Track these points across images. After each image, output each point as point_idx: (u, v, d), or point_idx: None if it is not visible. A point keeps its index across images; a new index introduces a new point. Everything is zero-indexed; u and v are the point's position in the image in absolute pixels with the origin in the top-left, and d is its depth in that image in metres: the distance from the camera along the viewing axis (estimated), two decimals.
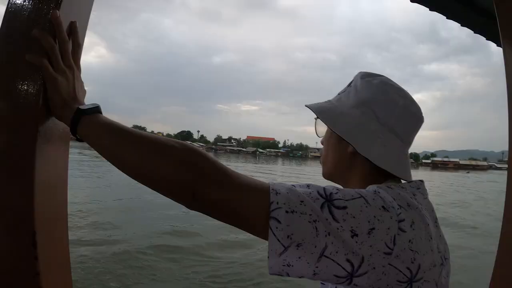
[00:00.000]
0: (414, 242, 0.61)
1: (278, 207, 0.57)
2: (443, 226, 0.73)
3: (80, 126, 0.66)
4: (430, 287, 0.63)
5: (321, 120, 0.81)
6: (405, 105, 0.77)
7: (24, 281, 0.66)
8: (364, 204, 0.61)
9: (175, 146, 0.63)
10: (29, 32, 0.65)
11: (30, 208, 0.64)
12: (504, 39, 1.68)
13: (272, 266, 0.58)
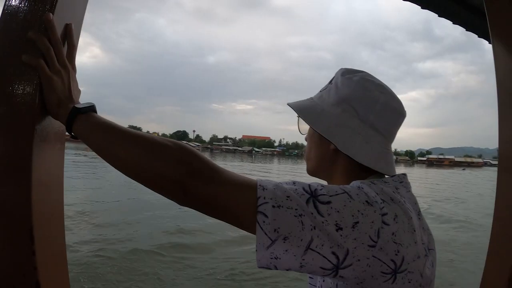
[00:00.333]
0: (397, 235, 0.63)
1: (265, 202, 0.59)
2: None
3: (75, 125, 0.68)
4: (414, 277, 0.65)
5: (302, 118, 0.83)
6: (386, 101, 0.78)
7: (22, 275, 0.67)
8: (348, 199, 0.62)
9: (168, 144, 0.65)
10: (25, 34, 0.67)
11: (28, 204, 0.66)
12: (493, 36, 1.70)
13: (260, 259, 0.60)
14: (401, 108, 0.81)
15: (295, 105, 0.85)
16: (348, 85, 0.80)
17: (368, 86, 0.79)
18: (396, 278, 0.62)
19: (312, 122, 0.80)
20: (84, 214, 10.62)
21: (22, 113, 0.67)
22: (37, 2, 0.69)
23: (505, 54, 1.64)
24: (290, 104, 0.86)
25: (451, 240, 10.25)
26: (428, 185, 31.89)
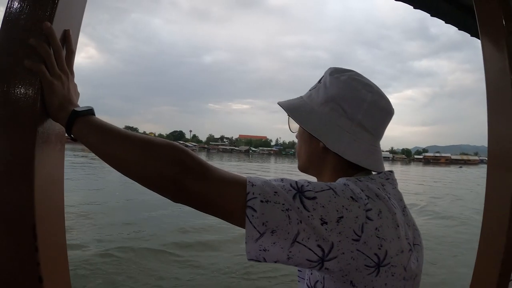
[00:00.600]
0: (381, 230, 0.66)
1: (254, 197, 0.62)
2: None
3: (74, 127, 0.71)
4: (398, 271, 0.68)
5: (291, 118, 0.86)
6: (373, 100, 0.80)
7: (26, 270, 0.70)
8: (333, 195, 0.66)
9: (162, 144, 0.67)
10: (26, 40, 0.70)
11: (31, 203, 0.69)
12: (482, 35, 1.74)
13: (250, 251, 0.63)
14: (389, 106, 0.84)
15: (284, 104, 0.88)
16: (336, 84, 0.82)
17: (355, 86, 0.81)
18: (380, 271, 0.65)
19: (301, 121, 0.83)
20: (89, 215, 10.87)
21: (25, 115, 0.70)
22: (37, 10, 0.72)
23: (493, 52, 1.68)
24: (280, 103, 0.89)
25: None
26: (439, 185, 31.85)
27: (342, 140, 0.79)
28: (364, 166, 0.79)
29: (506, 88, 1.60)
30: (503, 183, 1.60)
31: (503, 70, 1.62)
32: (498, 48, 1.66)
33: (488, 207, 1.68)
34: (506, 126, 1.59)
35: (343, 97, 0.81)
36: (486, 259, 1.69)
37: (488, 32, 1.73)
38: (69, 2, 0.78)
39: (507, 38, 1.62)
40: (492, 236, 1.65)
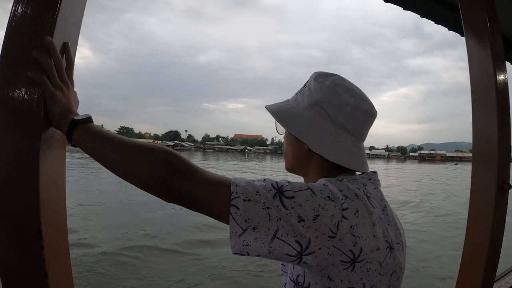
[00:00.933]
0: (356, 228, 0.71)
1: (237, 196, 0.67)
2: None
3: (74, 135, 0.76)
4: (373, 267, 0.72)
5: (278, 121, 0.91)
6: (355, 104, 0.84)
7: (32, 266, 0.76)
8: (310, 195, 0.70)
9: (154, 148, 0.73)
10: (29, 53, 0.75)
11: (36, 204, 0.74)
12: (467, 36, 1.78)
13: (234, 246, 0.69)
14: (371, 109, 0.87)
15: (271, 109, 0.92)
16: (320, 89, 0.86)
17: (338, 90, 0.85)
18: (355, 267, 0.70)
19: (287, 125, 0.88)
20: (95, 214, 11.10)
21: (29, 123, 0.75)
22: (37, 25, 0.76)
23: (478, 53, 1.73)
24: (267, 107, 0.94)
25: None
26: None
27: (325, 142, 0.83)
28: (347, 166, 0.84)
29: (490, 88, 1.64)
30: (487, 180, 1.65)
31: (487, 71, 1.66)
32: (482, 49, 1.70)
33: (473, 202, 1.74)
34: (490, 125, 1.64)
35: (327, 102, 0.85)
36: (471, 254, 1.74)
37: (472, 33, 1.76)
38: (68, 16, 0.83)
39: (491, 39, 1.66)
40: (477, 231, 1.71)
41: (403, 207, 15.57)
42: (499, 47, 1.70)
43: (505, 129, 1.65)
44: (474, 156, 1.74)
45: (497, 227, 1.65)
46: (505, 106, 1.66)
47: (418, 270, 7.57)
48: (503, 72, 1.69)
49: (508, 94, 1.71)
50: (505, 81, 1.69)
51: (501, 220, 1.68)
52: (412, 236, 10.04)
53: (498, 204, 1.62)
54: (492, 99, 1.63)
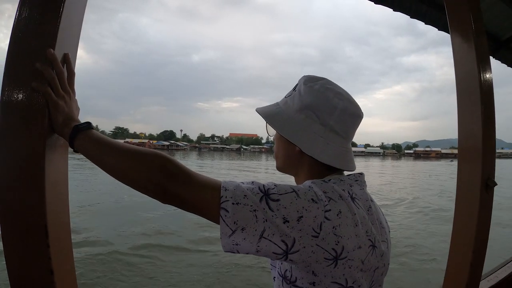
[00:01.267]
0: (338, 228, 0.76)
1: (226, 200, 0.73)
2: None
3: (76, 141, 0.82)
4: (355, 264, 0.77)
5: (270, 125, 0.95)
6: (344, 107, 0.89)
7: (39, 264, 0.81)
8: (295, 197, 0.75)
9: (150, 154, 0.78)
10: (32, 65, 0.80)
11: (43, 204, 0.80)
12: (452, 36, 1.83)
13: (225, 245, 0.74)
14: (358, 111, 0.92)
15: (263, 112, 0.96)
16: (310, 93, 0.91)
17: (328, 95, 0.89)
18: (337, 264, 0.75)
19: (279, 128, 0.92)
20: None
21: (35, 131, 0.80)
22: (39, 38, 0.82)
23: (463, 54, 1.77)
24: (258, 110, 0.98)
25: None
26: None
27: (316, 144, 0.88)
28: (337, 167, 0.89)
29: (474, 88, 1.68)
30: (472, 177, 1.70)
31: (472, 71, 1.70)
32: (467, 50, 1.74)
33: (459, 199, 1.79)
34: (474, 123, 1.68)
35: (317, 105, 0.89)
36: (458, 249, 1.80)
37: (457, 33, 1.81)
38: (67, 28, 0.88)
39: (475, 39, 1.70)
40: (463, 227, 1.76)
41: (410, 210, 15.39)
42: (484, 47, 1.74)
43: (489, 127, 1.69)
44: (460, 154, 1.78)
45: (482, 223, 1.70)
46: (489, 104, 1.70)
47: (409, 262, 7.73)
48: (487, 71, 1.73)
49: (493, 93, 1.75)
50: (490, 80, 1.74)
51: (487, 216, 1.73)
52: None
53: (483, 200, 1.67)
54: (477, 98, 1.67)
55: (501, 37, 3.25)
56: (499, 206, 14.22)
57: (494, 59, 3.50)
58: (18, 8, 0.81)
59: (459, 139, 1.78)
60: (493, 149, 1.73)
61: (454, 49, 1.83)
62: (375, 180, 29.84)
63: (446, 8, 1.85)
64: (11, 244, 0.80)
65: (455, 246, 1.83)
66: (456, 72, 1.81)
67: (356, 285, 0.79)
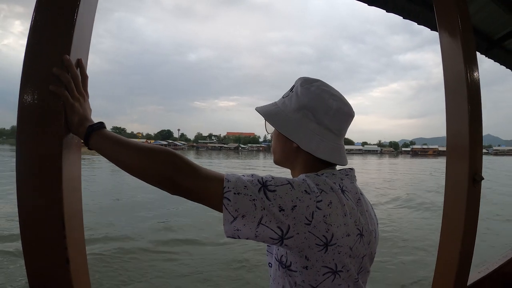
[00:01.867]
0: (328, 217, 0.83)
1: (228, 190, 0.80)
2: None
3: (91, 140, 0.89)
4: (343, 250, 0.85)
5: (270, 123, 1.03)
6: (338, 107, 0.97)
7: (56, 253, 0.89)
8: (289, 188, 0.83)
9: (160, 150, 0.86)
10: (49, 70, 0.88)
11: (60, 198, 0.87)
12: (441, 36, 1.89)
13: (227, 231, 0.82)
14: (350, 111, 1.01)
15: (262, 111, 1.04)
16: (306, 94, 0.98)
17: (323, 96, 0.98)
18: (328, 250, 0.83)
19: (278, 126, 1.00)
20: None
21: (52, 130, 0.88)
22: (57, 45, 0.89)
23: (451, 54, 1.83)
24: (258, 109, 1.06)
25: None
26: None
27: (313, 141, 0.96)
28: (331, 161, 0.97)
29: (462, 87, 1.75)
30: (460, 172, 1.77)
31: (459, 71, 1.76)
32: (455, 49, 1.79)
33: (448, 193, 1.86)
34: (462, 121, 1.75)
35: (313, 106, 0.97)
36: (448, 241, 1.87)
37: (445, 32, 1.86)
38: (80, 36, 0.95)
39: (462, 38, 1.75)
40: (452, 219, 1.83)
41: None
42: (471, 46, 1.79)
43: (476, 124, 1.75)
44: (448, 151, 1.85)
45: (471, 215, 1.78)
46: (476, 103, 1.76)
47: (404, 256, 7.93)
48: (474, 71, 1.78)
49: (480, 92, 1.81)
50: (477, 79, 1.80)
51: (475, 208, 1.80)
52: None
53: (471, 194, 1.75)
54: (464, 97, 1.73)
55: (493, 36, 3.32)
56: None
57: (487, 58, 3.59)
58: (33, 18, 0.89)
59: (447, 137, 1.85)
60: (480, 146, 1.79)
61: (442, 48, 1.88)
62: (378, 175, 29.86)
63: (434, 7, 1.90)
64: (29, 234, 0.88)
65: (445, 237, 1.89)
66: (444, 71, 1.87)
67: (345, 270, 0.87)
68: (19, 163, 0.87)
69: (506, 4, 2.70)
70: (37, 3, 0.89)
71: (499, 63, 3.75)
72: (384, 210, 13.78)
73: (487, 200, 15.29)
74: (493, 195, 17.17)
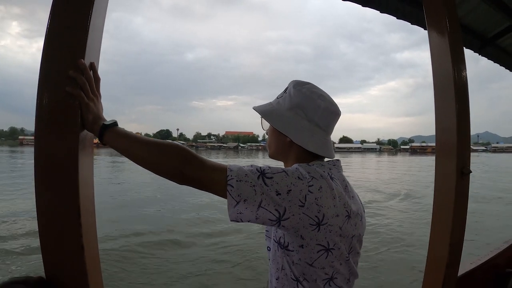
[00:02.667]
0: (319, 200, 0.93)
1: (231, 178, 0.90)
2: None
3: (105, 136, 0.98)
4: (334, 229, 0.95)
5: (267, 121, 1.14)
6: (326, 107, 1.09)
7: (72, 240, 0.97)
8: (285, 175, 0.93)
9: (170, 145, 0.95)
10: (66, 72, 0.96)
11: (77, 188, 0.96)
12: (430, 36, 1.95)
13: (231, 214, 0.92)
14: (337, 110, 1.13)
15: (259, 110, 1.15)
16: (298, 95, 1.10)
17: (313, 97, 1.09)
18: (320, 229, 0.93)
19: (273, 123, 1.11)
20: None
21: (70, 128, 0.97)
22: (72, 50, 0.98)
23: (439, 54, 1.90)
24: (255, 108, 1.17)
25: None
26: None
27: (304, 136, 1.07)
28: (320, 154, 1.08)
29: (450, 87, 1.82)
30: (448, 166, 1.85)
31: (447, 69, 1.83)
32: (443, 49, 1.86)
33: (438, 186, 1.94)
34: (450, 118, 1.82)
35: (304, 105, 1.09)
36: (438, 230, 1.94)
37: (433, 31, 1.92)
38: (93, 41, 1.04)
39: (450, 39, 1.82)
40: (442, 210, 1.91)
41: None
42: (459, 44, 1.86)
43: (463, 121, 1.83)
44: (437, 147, 1.93)
45: (460, 207, 1.85)
46: (463, 100, 1.84)
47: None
48: (462, 69, 1.85)
49: (467, 89, 1.88)
50: (464, 77, 1.86)
51: (463, 201, 1.88)
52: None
53: (459, 186, 1.82)
54: (451, 94, 1.80)
55: (486, 34, 3.38)
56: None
57: (481, 56, 3.65)
58: (49, 24, 0.97)
59: (436, 133, 1.92)
60: (467, 141, 1.86)
61: (431, 47, 1.95)
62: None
63: (424, 8, 1.97)
64: (45, 223, 0.97)
65: (435, 229, 1.97)
66: (433, 70, 1.94)
67: (336, 248, 0.97)
68: (38, 157, 0.96)
69: (497, 4, 2.76)
70: (52, 10, 0.98)
71: (493, 61, 3.82)
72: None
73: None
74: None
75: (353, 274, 1.07)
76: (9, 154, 66.29)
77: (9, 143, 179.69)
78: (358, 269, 1.09)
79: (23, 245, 8.01)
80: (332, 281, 0.99)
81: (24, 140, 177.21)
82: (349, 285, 1.06)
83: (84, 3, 0.99)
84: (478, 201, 15.06)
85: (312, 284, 0.98)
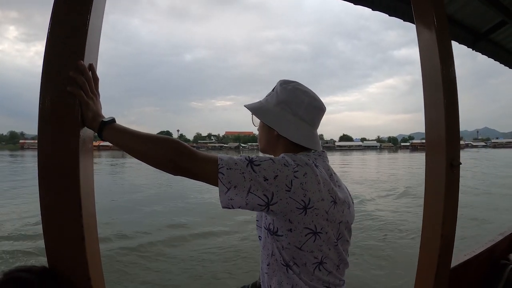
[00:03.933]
0: (304, 185, 0.99)
1: (222, 166, 0.96)
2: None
3: (104, 132, 1.05)
4: (320, 213, 1.01)
5: (256, 116, 1.21)
6: (309, 102, 1.17)
7: (74, 230, 1.03)
8: (271, 163, 1.00)
9: (164, 139, 1.01)
10: (67, 73, 1.02)
11: (78, 183, 1.03)
12: (418, 34, 1.99)
13: (222, 201, 0.98)
14: (321, 105, 1.20)
15: (250, 107, 1.23)
16: (284, 92, 1.18)
17: (297, 93, 1.17)
18: (307, 212, 0.99)
19: (262, 117, 1.20)
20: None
21: (71, 125, 1.03)
22: (72, 52, 1.04)
23: (427, 51, 1.93)
24: (247, 106, 1.24)
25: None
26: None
27: (290, 129, 1.15)
28: (305, 146, 1.15)
29: (438, 83, 1.86)
30: (438, 159, 1.89)
31: (435, 65, 1.87)
32: (431, 45, 1.89)
33: (428, 178, 1.98)
34: (438, 115, 1.87)
35: (289, 101, 1.17)
36: (430, 224, 1.98)
37: (422, 30, 1.97)
38: (91, 44, 1.10)
39: (438, 35, 1.85)
40: (433, 202, 1.95)
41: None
42: (447, 40, 1.89)
43: (452, 114, 1.87)
44: (427, 142, 1.97)
45: (450, 199, 1.90)
46: (452, 95, 1.87)
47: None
48: (450, 65, 1.89)
49: (456, 84, 1.91)
50: (452, 73, 1.90)
51: (454, 192, 1.92)
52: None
53: (449, 177, 1.86)
54: (440, 89, 1.86)
55: (479, 30, 3.41)
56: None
57: (475, 51, 3.69)
58: (50, 27, 1.03)
59: (426, 128, 1.96)
60: (457, 135, 1.91)
61: (420, 43, 1.99)
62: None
63: (412, 5, 2.01)
64: (48, 215, 1.02)
65: (427, 221, 2.01)
66: (422, 66, 1.98)
67: (323, 232, 1.03)
68: (41, 153, 1.02)
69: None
70: (52, 15, 1.03)
71: (487, 56, 3.85)
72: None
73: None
74: None
75: (343, 262, 1.12)
76: (10, 158, 66.08)
77: (10, 147, 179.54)
78: (351, 262, 1.14)
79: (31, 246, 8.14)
80: (321, 265, 1.05)
81: (25, 144, 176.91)
82: (339, 272, 1.11)
83: (83, 7, 1.05)
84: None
85: (302, 268, 1.03)
